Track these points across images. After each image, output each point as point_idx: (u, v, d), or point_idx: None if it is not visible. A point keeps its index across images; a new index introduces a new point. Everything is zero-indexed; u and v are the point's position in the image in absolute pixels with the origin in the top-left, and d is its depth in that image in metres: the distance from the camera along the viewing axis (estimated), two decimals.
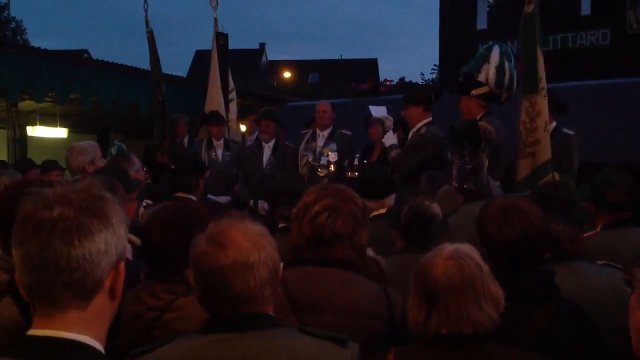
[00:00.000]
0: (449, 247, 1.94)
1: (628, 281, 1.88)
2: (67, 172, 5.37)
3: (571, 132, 5.27)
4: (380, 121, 7.23)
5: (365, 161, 6.16)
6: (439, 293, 1.85)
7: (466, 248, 1.96)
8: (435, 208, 3.17)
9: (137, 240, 2.64)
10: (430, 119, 5.55)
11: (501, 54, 5.08)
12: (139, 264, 2.57)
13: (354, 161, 5.92)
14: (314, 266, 2.19)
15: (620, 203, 3.42)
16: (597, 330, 2.27)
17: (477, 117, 4.91)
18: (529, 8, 5.06)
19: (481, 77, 5.08)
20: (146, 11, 7.45)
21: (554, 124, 5.12)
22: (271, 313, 1.75)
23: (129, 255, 2.78)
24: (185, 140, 7.96)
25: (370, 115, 6.83)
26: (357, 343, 1.73)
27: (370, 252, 2.77)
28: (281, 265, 1.78)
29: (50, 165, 6.41)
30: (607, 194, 3.42)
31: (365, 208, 2.30)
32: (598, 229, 3.45)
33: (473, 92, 5.06)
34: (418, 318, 1.89)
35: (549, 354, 1.98)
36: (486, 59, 5.11)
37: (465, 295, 1.84)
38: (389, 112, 7.26)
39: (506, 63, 5.04)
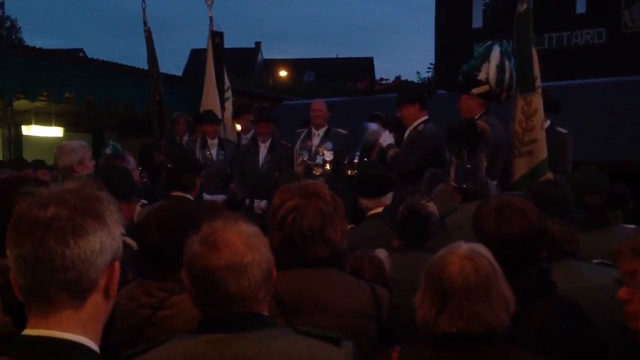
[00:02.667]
0: (464, 246, 1.93)
1: (618, 280, 1.91)
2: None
3: (565, 131, 5.29)
4: (380, 118, 7.21)
5: (365, 159, 6.14)
6: (454, 292, 1.83)
7: (480, 248, 1.95)
8: (432, 207, 3.16)
9: (133, 244, 2.64)
10: (426, 117, 5.54)
11: (502, 53, 5.07)
12: (127, 265, 2.56)
13: (354, 159, 5.90)
14: (296, 268, 2.17)
15: (599, 207, 3.39)
16: (595, 327, 2.28)
17: (476, 116, 4.90)
18: (522, 7, 5.08)
19: (481, 76, 5.07)
20: (144, 10, 7.44)
21: (547, 122, 5.14)
22: (266, 313, 1.74)
23: None
24: (185, 139, 7.94)
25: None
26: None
27: (382, 253, 2.76)
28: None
29: (38, 164, 6.48)
30: (586, 198, 3.38)
31: (336, 200, 2.26)
32: None
33: (473, 90, 5.05)
34: (428, 316, 1.87)
35: (546, 352, 1.98)
36: (486, 58, 5.10)
37: (479, 295, 1.83)
38: (384, 111, 7.25)
39: (506, 62, 5.04)
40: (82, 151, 4.49)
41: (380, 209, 3.82)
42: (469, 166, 3.71)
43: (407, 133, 5.62)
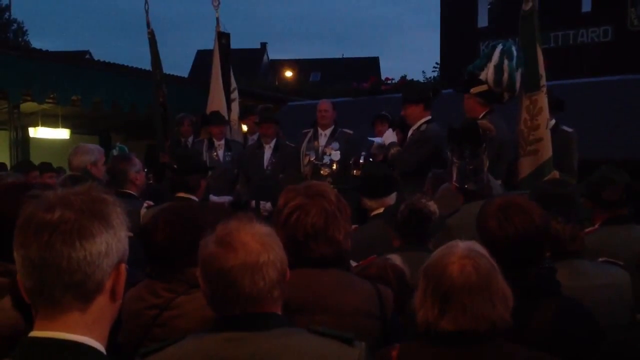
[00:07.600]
0: (461, 245, 1.93)
1: None
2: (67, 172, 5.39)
3: (570, 130, 5.28)
4: (386, 118, 7.22)
5: (371, 159, 6.15)
6: (455, 291, 1.84)
7: (477, 246, 1.96)
8: (432, 206, 3.17)
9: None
10: (429, 117, 5.55)
11: (501, 52, 5.07)
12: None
13: (359, 159, 5.91)
14: (300, 268, 2.17)
15: (616, 202, 3.41)
16: (599, 326, 2.28)
17: (480, 116, 4.90)
18: (527, 5, 5.08)
19: (482, 76, 5.07)
20: (147, 12, 7.47)
21: (553, 121, 5.13)
22: (279, 313, 1.76)
23: None
24: (190, 140, 7.96)
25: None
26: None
27: (397, 259, 2.76)
28: None
29: (44, 167, 6.50)
30: (603, 194, 3.41)
31: (341, 201, 2.27)
32: (597, 226, 3.45)
33: (472, 90, 5.06)
34: (430, 316, 1.88)
35: (551, 351, 1.99)
36: (489, 57, 5.10)
37: (481, 294, 1.84)
38: (390, 111, 7.26)
39: (505, 62, 5.02)
40: (97, 153, 4.58)
41: (382, 210, 3.82)
42: (470, 167, 3.71)
43: (410, 132, 5.63)
